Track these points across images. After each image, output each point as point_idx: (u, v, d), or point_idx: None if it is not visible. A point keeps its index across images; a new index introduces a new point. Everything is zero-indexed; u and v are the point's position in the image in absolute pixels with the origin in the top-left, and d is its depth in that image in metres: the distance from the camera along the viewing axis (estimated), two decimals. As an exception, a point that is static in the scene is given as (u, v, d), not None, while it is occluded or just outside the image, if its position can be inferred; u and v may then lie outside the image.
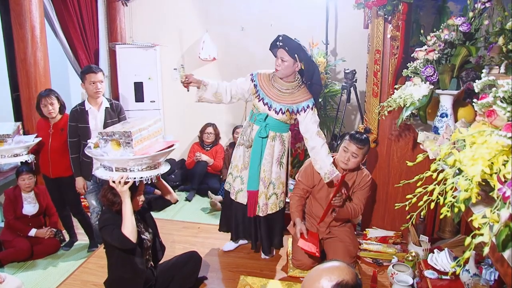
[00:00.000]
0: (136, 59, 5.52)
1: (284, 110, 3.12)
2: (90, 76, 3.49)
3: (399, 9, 3.04)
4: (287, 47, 2.98)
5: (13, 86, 4.49)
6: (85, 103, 3.58)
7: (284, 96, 3.13)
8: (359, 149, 3.00)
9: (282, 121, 3.17)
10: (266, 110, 3.15)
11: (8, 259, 3.74)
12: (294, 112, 3.14)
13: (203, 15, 5.59)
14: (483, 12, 2.26)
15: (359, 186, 3.19)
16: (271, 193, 3.27)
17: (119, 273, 2.62)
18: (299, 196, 3.29)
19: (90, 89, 3.52)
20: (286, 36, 3.01)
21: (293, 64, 3.02)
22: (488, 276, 2.35)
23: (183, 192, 5.45)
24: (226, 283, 3.14)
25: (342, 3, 4.85)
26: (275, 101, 3.14)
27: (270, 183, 3.25)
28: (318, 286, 1.25)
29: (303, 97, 3.13)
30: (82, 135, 3.52)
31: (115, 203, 2.50)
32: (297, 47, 3.00)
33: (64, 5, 4.65)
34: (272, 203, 3.29)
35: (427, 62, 2.48)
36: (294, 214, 3.24)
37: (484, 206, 1.26)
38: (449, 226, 3.40)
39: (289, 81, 3.13)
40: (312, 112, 3.14)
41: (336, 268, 1.29)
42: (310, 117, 3.14)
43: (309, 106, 3.12)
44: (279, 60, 3.04)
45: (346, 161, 3.05)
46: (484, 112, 1.35)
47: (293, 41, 3.01)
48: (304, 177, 3.26)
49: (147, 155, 2.46)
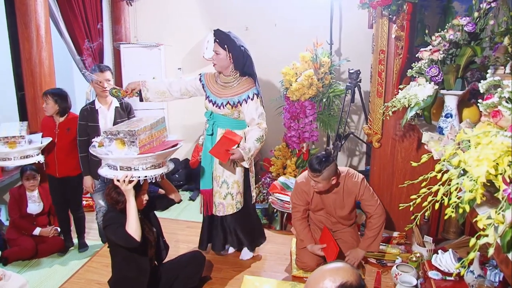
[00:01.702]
0: (141, 59, 5.52)
1: (225, 103, 3.11)
2: (97, 75, 3.47)
3: (403, 9, 3.03)
4: (218, 39, 3.02)
5: (18, 86, 4.51)
6: (95, 102, 3.57)
7: (225, 90, 3.13)
8: (315, 177, 2.90)
9: (228, 116, 3.14)
10: (211, 106, 3.17)
11: (13, 257, 3.76)
12: (235, 105, 3.10)
13: (208, 15, 5.59)
14: (489, 12, 2.26)
15: (357, 196, 3.06)
16: (225, 192, 3.22)
17: (123, 272, 2.63)
18: (300, 219, 3.21)
19: (97, 89, 3.52)
20: (218, 30, 3.04)
21: (226, 56, 3.04)
22: (492, 278, 2.34)
23: (187, 191, 5.46)
24: (230, 283, 3.14)
25: (346, 3, 4.84)
26: (217, 96, 3.15)
27: (223, 182, 3.21)
28: (322, 287, 1.25)
29: (243, 88, 3.11)
30: (92, 134, 3.45)
31: (119, 202, 2.51)
32: (226, 38, 3.02)
33: (69, 5, 4.67)
34: (228, 203, 3.23)
35: (431, 62, 2.47)
36: (305, 241, 3.17)
37: (489, 207, 1.25)
38: (453, 227, 3.39)
39: (227, 75, 3.14)
40: (254, 102, 3.09)
41: (340, 269, 1.28)
42: (252, 107, 3.09)
43: (249, 97, 3.08)
44: (214, 54, 3.06)
45: (313, 186, 2.97)
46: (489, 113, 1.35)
47: (223, 33, 3.03)
48: (297, 197, 3.18)
49: (151, 154, 2.47)
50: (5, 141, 3.37)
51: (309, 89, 4.33)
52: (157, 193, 4.73)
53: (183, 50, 5.74)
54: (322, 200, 3.12)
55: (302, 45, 4.51)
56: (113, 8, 5.63)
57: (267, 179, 4.67)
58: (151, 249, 2.72)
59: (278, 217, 4.17)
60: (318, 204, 3.15)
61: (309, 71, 4.32)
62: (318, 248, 3.09)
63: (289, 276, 3.22)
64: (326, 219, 3.22)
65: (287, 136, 4.64)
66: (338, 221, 3.20)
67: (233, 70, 3.11)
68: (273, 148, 4.79)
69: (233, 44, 3.01)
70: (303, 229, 3.19)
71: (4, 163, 3.47)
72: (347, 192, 3.06)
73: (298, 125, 4.51)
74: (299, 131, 4.51)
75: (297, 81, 4.38)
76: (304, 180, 3.14)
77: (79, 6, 4.79)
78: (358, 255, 3.08)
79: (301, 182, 3.16)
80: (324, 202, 3.12)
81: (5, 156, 3.37)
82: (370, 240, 3.05)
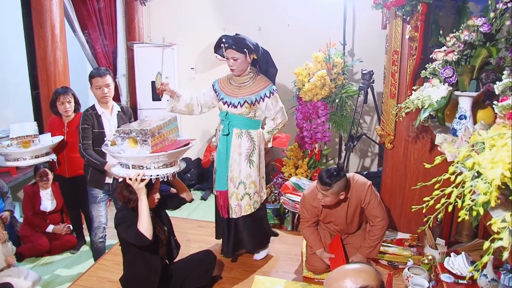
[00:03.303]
0: (154, 58, 5.56)
1: (242, 102, 3.09)
2: (96, 80, 3.30)
3: (418, 10, 3.00)
4: (234, 46, 2.98)
5: (33, 84, 4.57)
6: (96, 107, 3.38)
7: (241, 90, 3.11)
8: (324, 190, 2.80)
9: (244, 115, 3.12)
10: (226, 107, 3.15)
11: (27, 253, 3.81)
12: (253, 103, 3.09)
13: (221, 15, 5.61)
14: (505, 13, 2.23)
15: (363, 202, 2.96)
16: (242, 193, 3.18)
17: (134, 270, 2.65)
18: (308, 226, 3.16)
19: (97, 94, 3.33)
20: (227, 36, 3.00)
21: (245, 58, 3.02)
22: (507, 282, 2.31)
23: (199, 191, 5.49)
24: (241, 283, 3.14)
25: (360, 3, 4.82)
26: (233, 96, 3.13)
27: (240, 183, 3.17)
28: (341, 286, 1.24)
29: (260, 86, 3.10)
30: (96, 141, 3.28)
31: (131, 200, 2.53)
32: (243, 42, 2.99)
33: (84, 5, 4.72)
34: (246, 204, 3.20)
35: (446, 63, 2.45)
36: (314, 248, 3.14)
37: (504, 210, 1.24)
38: (466, 230, 3.35)
39: (243, 75, 3.12)
40: (271, 99, 3.12)
41: (363, 271, 1.27)
42: (270, 104, 3.13)
43: (266, 95, 3.09)
44: (230, 60, 3.03)
45: (321, 199, 2.87)
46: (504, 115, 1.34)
47: (237, 38, 3.00)
48: (305, 211, 3.11)
49: (163, 153, 2.48)
50: (19, 141, 3.35)
51: (321, 90, 4.32)
52: (169, 192, 4.76)
53: (196, 50, 5.77)
54: (331, 213, 3.06)
55: (315, 45, 4.50)
56: (127, 8, 5.68)
57: (278, 180, 4.66)
58: (162, 247, 2.73)
59: (290, 217, 4.16)
60: (327, 216, 3.11)
61: (322, 71, 4.31)
62: (326, 256, 3.06)
63: (299, 276, 3.21)
64: (337, 227, 3.17)
65: (299, 136, 4.63)
66: (347, 231, 3.18)
67: (252, 69, 3.12)
68: (285, 149, 4.79)
69: (252, 45, 3.00)
70: (311, 234, 3.16)
71: (18, 163, 3.44)
72: (355, 199, 2.95)
73: (310, 126, 4.51)
74: (312, 132, 4.50)
75: (309, 81, 4.38)
76: (312, 194, 3.03)
77: (93, 6, 4.84)
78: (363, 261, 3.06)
79: (309, 196, 3.06)
80: (333, 215, 3.07)
81: (20, 156, 3.36)
82: (371, 249, 3.02)
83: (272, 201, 4.49)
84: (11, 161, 3.38)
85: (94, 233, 3.55)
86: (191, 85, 5.74)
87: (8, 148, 3.36)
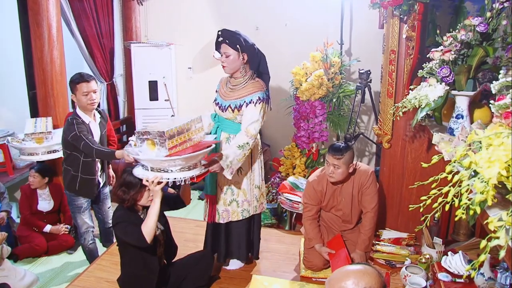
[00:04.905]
0: (151, 58, 5.56)
1: (226, 106, 2.91)
2: (82, 86, 3.11)
3: (415, 9, 3.00)
4: (228, 40, 2.77)
5: (30, 84, 4.56)
6: (81, 116, 3.19)
7: (232, 93, 2.91)
8: (337, 159, 2.89)
9: (231, 120, 2.93)
10: (217, 109, 3.01)
11: (24, 254, 3.80)
12: (237, 108, 2.86)
13: (218, 14, 5.60)
14: (501, 12, 2.23)
15: (363, 186, 3.08)
16: (230, 199, 3.05)
17: (132, 271, 2.65)
18: (311, 219, 3.19)
19: (83, 101, 3.14)
20: (225, 30, 2.82)
21: (238, 57, 2.82)
22: (503, 280, 2.31)
23: (196, 190, 5.47)
24: (239, 283, 3.14)
25: (357, 3, 4.82)
26: (223, 98, 2.97)
27: (228, 188, 3.05)
28: (343, 286, 1.24)
29: (248, 91, 2.86)
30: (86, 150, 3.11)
31: (125, 200, 2.52)
32: (237, 37, 2.80)
33: (81, 4, 4.71)
34: (233, 210, 3.07)
35: (443, 63, 2.45)
36: (313, 241, 3.16)
37: (500, 209, 1.24)
38: (463, 229, 3.36)
39: (237, 77, 2.93)
40: (253, 106, 2.82)
41: (366, 273, 1.27)
42: (249, 111, 2.82)
43: (252, 101, 2.82)
44: (223, 56, 2.83)
45: (331, 174, 2.96)
46: (501, 114, 1.34)
47: (232, 32, 2.82)
48: (309, 196, 3.16)
49: (179, 157, 2.36)
50: (33, 137, 3.54)
51: (319, 89, 4.33)
52: (168, 192, 4.75)
53: (194, 50, 5.76)
54: (335, 196, 3.12)
55: (312, 45, 4.51)
56: (124, 8, 5.68)
57: (276, 179, 4.67)
58: (160, 248, 2.73)
59: (287, 217, 4.17)
60: (330, 200, 3.15)
61: (319, 71, 4.31)
62: (325, 251, 3.08)
63: (297, 276, 3.21)
64: (337, 217, 3.21)
65: (297, 136, 4.64)
66: (349, 220, 3.20)
67: (242, 71, 2.90)
68: (283, 148, 4.79)
69: (246, 44, 2.82)
70: (313, 228, 3.18)
71: (32, 158, 3.66)
72: (358, 181, 3.08)
73: (307, 125, 4.51)
74: (309, 131, 4.50)
75: (307, 81, 4.38)
76: (317, 178, 3.14)
77: (90, 6, 4.83)
78: (363, 258, 3.10)
79: (313, 181, 3.15)
80: (337, 198, 3.13)
81: (33, 151, 3.59)
82: (366, 242, 3.12)
83: (269, 200, 4.49)
84: (26, 155, 3.65)
85: (83, 238, 3.51)
86: (188, 84, 5.74)
87: (23, 142, 3.61)
